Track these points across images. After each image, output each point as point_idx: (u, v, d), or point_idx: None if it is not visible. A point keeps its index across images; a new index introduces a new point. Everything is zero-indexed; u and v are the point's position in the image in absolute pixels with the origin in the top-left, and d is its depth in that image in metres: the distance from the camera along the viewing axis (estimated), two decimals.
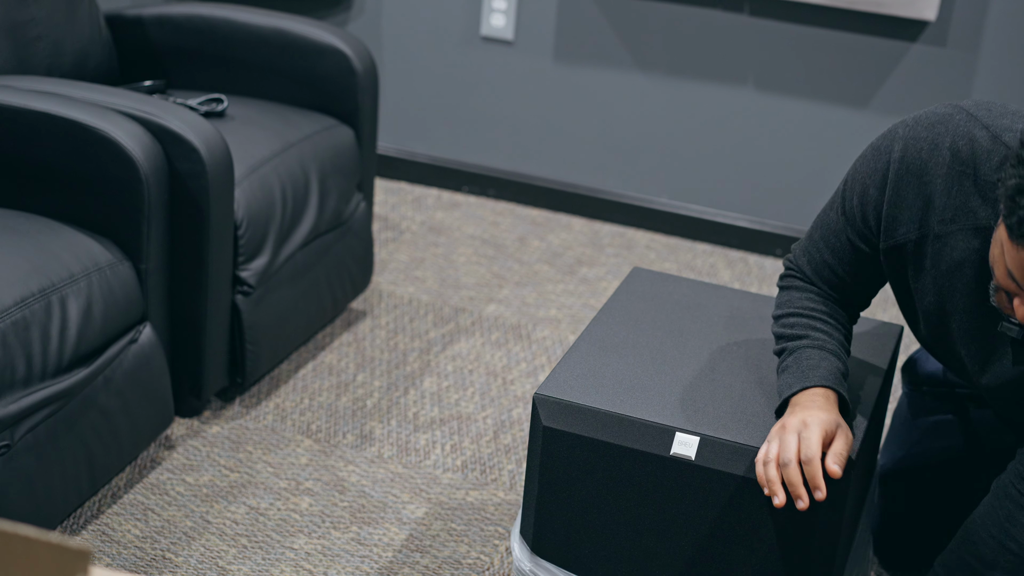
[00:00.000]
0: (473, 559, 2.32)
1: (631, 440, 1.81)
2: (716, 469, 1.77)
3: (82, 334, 2.18)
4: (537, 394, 1.87)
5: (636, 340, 2.02)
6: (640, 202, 3.67)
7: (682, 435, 1.79)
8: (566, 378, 1.90)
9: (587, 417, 1.84)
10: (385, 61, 3.76)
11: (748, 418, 1.82)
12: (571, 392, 1.87)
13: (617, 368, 1.94)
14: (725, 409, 1.84)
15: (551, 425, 1.85)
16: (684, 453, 1.78)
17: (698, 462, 1.78)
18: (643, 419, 1.81)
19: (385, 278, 3.27)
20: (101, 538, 2.29)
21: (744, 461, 1.76)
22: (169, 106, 2.46)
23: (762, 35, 3.44)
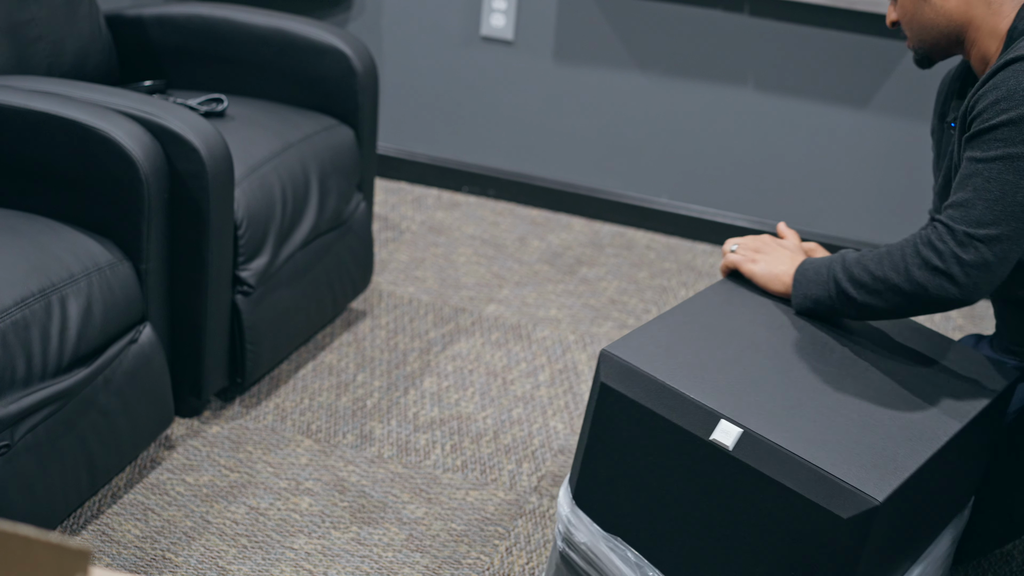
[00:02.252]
0: (473, 559, 2.32)
1: (677, 416, 1.81)
2: (749, 465, 1.75)
3: (82, 334, 2.18)
4: (605, 350, 1.87)
5: (722, 325, 1.99)
6: (640, 202, 3.67)
7: (727, 423, 1.77)
8: (638, 342, 1.90)
9: (643, 383, 1.84)
10: (385, 61, 3.76)
11: (800, 424, 1.79)
12: (636, 356, 1.87)
13: (692, 345, 1.92)
14: (781, 410, 1.81)
15: (608, 383, 1.86)
16: (723, 441, 1.77)
17: (734, 453, 1.76)
18: (693, 398, 1.80)
19: (385, 278, 3.27)
20: (101, 538, 2.29)
21: (780, 464, 1.73)
22: (169, 106, 2.46)
23: (762, 35, 3.44)
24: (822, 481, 1.71)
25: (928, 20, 1.98)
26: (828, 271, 1.98)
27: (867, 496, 1.69)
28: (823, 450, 1.75)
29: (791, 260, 2.05)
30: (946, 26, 1.98)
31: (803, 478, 1.73)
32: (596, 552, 1.93)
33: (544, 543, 2.38)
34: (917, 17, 1.99)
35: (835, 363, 1.95)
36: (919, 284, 1.88)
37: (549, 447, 2.65)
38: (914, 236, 1.91)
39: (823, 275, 1.98)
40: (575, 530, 1.95)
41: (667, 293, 3.33)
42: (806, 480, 1.72)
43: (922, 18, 1.98)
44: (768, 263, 2.06)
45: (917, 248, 1.89)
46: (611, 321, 3.16)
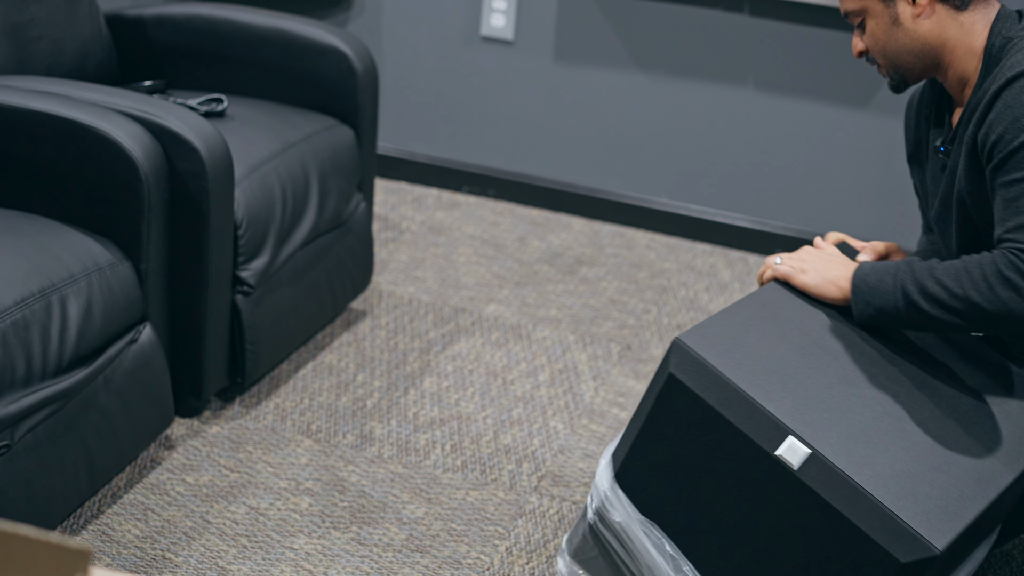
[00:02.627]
0: (473, 559, 2.32)
1: (744, 423, 1.75)
2: (812, 488, 1.71)
3: (82, 334, 2.18)
4: (679, 338, 1.82)
5: (801, 322, 1.94)
6: (640, 202, 3.67)
7: (795, 441, 1.72)
8: (713, 333, 1.84)
9: (713, 382, 1.78)
10: (385, 61, 3.76)
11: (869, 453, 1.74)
12: (710, 350, 1.81)
13: (766, 341, 1.87)
14: (850, 434, 1.76)
15: (677, 374, 1.80)
16: (789, 460, 1.72)
17: (799, 474, 1.72)
18: (765, 408, 1.75)
19: (385, 278, 3.27)
20: (101, 538, 2.29)
21: (844, 494, 1.69)
22: (169, 106, 2.46)
23: (762, 35, 3.44)
24: (886, 520, 1.68)
25: (902, 45, 1.99)
26: (895, 280, 1.93)
27: (928, 543, 1.66)
28: (890, 486, 1.71)
29: (843, 265, 2.02)
30: (920, 50, 1.98)
31: (866, 513, 1.69)
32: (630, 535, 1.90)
33: (544, 543, 2.38)
34: (890, 44, 1.99)
35: (904, 381, 1.90)
36: (1004, 304, 1.85)
37: (549, 447, 2.65)
38: (991, 257, 1.88)
39: (888, 284, 1.93)
40: (611, 508, 1.91)
41: (667, 293, 3.33)
42: (869, 516, 1.69)
43: (895, 44, 1.99)
44: (819, 271, 2.02)
45: (1000, 270, 1.86)
46: (611, 321, 3.16)
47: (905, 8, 1.97)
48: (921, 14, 1.96)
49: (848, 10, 2.02)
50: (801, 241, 3.54)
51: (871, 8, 1.99)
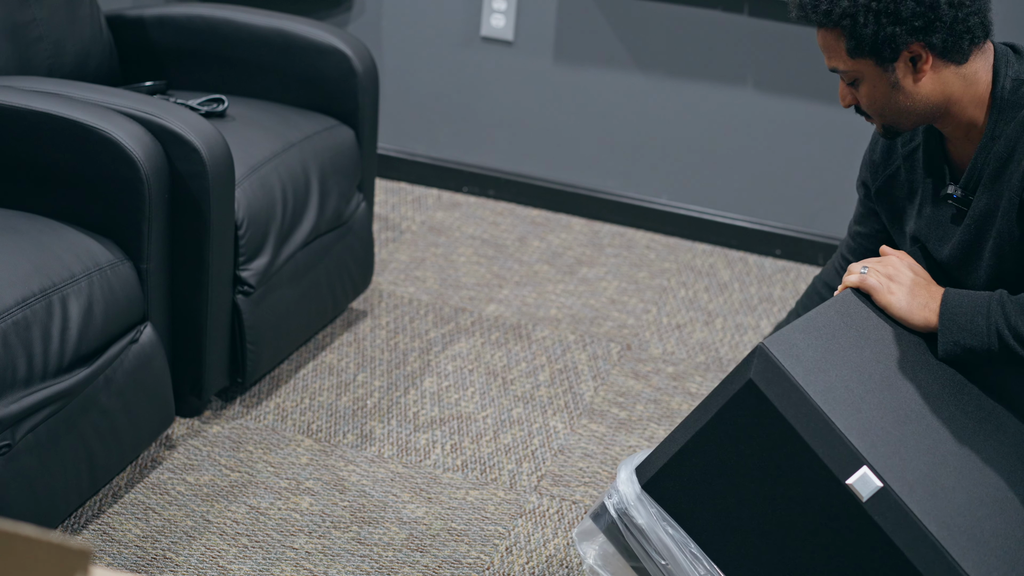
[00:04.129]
0: (473, 559, 2.32)
1: (818, 444, 1.71)
2: (877, 523, 1.67)
3: (83, 334, 2.18)
4: (765, 344, 1.75)
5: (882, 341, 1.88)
6: (640, 202, 3.68)
7: (868, 472, 1.69)
8: (799, 342, 1.78)
9: (794, 398, 1.73)
10: (385, 61, 3.76)
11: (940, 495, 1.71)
12: (796, 363, 1.75)
13: (849, 363, 1.81)
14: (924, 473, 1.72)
15: (758, 383, 1.74)
16: (859, 490, 1.69)
17: (866, 507, 1.68)
18: (843, 433, 1.70)
19: (385, 278, 3.27)
20: (102, 537, 2.29)
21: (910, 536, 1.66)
22: (170, 106, 2.46)
23: (762, 35, 3.44)
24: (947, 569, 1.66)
25: (903, 107, 1.90)
26: (988, 323, 1.88)
27: None
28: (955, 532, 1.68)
29: (929, 291, 1.95)
30: (923, 109, 1.90)
31: (929, 559, 1.67)
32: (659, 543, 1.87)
33: (544, 542, 2.38)
34: (889, 106, 1.91)
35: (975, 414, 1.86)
36: None
37: (549, 447, 2.66)
38: None
39: (981, 326, 1.88)
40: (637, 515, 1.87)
41: (667, 293, 3.33)
42: (931, 562, 1.67)
43: (895, 106, 1.90)
44: (906, 295, 1.94)
45: None
46: (611, 321, 3.17)
47: (905, 72, 1.87)
48: (925, 77, 1.87)
49: (837, 69, 1.91)
50: (801, 241, 3.55)
51: (867, 73, 1.89)
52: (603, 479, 2.57)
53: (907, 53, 1.85)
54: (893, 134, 1.97)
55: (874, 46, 1.85)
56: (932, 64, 1.86)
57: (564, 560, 2.35)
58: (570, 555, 2.36)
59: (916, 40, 1.84)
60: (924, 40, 1.84)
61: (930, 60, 1.86)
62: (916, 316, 1.93)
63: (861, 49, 1.86)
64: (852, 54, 1.87)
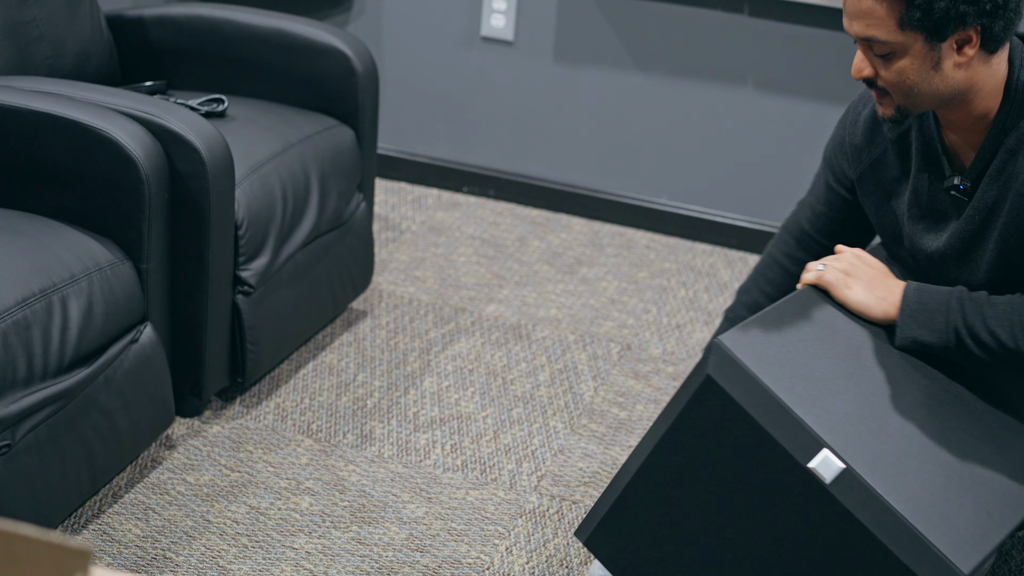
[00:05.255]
0: (473, 559, 2.32)
1: (779, 432, 1.72)
2: (842, 504, 1.69)
3: (83, 334, 2.18)
4: (718, 340, 1.77)
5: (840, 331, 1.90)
6: (640, 202, 3.68)
7: (830, 455, 1.70)
8: (753, 337, 1.80)
9: (752, 389, 1.74)
10: (385, 61, 3.76)
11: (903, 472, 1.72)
12: (750, 355, 1.76)
13: (805, 346, 1.83)
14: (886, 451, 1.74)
15: (715, 378, 1.75)
16: (821, 473, 1.70)
17: (830, 488, 1.69)
18: (801, 419, 1.71)
19: (385, 278, 3.27)
20: (102, 537, 2.29)
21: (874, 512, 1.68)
22: (170, 106, 2.46)
23: (762, 35, 3.44)
24: (914, 541, 1.67)
25: (933, 89, 1.85)
26: (946, 321, 1.89)
27: (955, 567, 1.66)
28: (920, 507, 1.69)
29: (887, 285, 1.96)
30: (950, 94, 1.87)
31: (894, 533, 1.68)
32: None
33: (544, 542, 2.38)
34: (920, 86, 1.85)
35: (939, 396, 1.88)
36: None
37: (549, 447, 2.66)
38: None
39: (939, 324, 1.89)
40: None
41: (667, 293, 3.33)
42: (897, 535, 1.68)
43: (926, 87, 1.85)
44: (864, 289, 1.95)
45: None
46: (611, 321, 3.17)
47: (949, 55, 1.82)
48: (965, 63, 1.84)
49: (875, 38, 1.83)
50: None
51: (912, 48, 1.82)
52: (603, 479, 2.57)
53: (959, 35, 1.80)
54: (900, 118, 1.92)
55: (937, 22, 1.78)
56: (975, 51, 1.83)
57: (564, 560, 2.35)
58: (570, 555, 2.36)
59: (978, 23, 1.80)
60: (984, 24, 1.80)
61: (977, 46, 1.82)
62: (875, 309, 1.95)
63: (919, 22, 1.79)
64: (904, 25, 1.80)
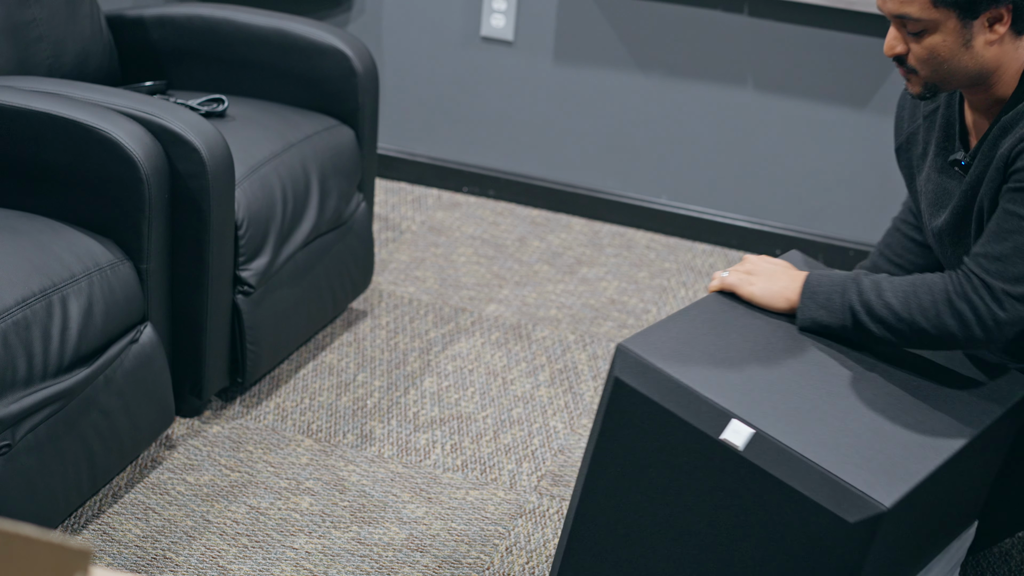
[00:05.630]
0: (473, 559, 2.32)
1: (690, 414, 1.78)
2: (758, 466, 1.74)
3: (83, 334, 2.18)
4: (621, 344, 1.84)
5: (745, 323, 1.97)
6: (640, 202, 3.68)
7: (738, 423, 1.76)
8: (655, 337, 1.87)
9: (657, 380, 1.81)
10: (385, 61, 3.76)
11: (812, 428, 1.77)
12: (652, 351, 1.84)
13: (709, 342, 1.89)
14: (794, 413, 1.79)
15: (623, 378, 1.83)
16: (733, 441, 1.75)
17: (745, 454, 1.75)
18: (706, 396, 1.78)
19: (385, 278, 3.27)
20: (102, 537, 2.29)
21: (789, 467, 1.72)
22: (170, 106, 2.46)
23: (762, 35, 3.44)
24: (830, 485, 1.70)
25: (963, 67, 1.88)
26: (843, 299, 1.95)
27: (874, 501, 1.68)
28: (833, 454, 1.74)
29: (789, 275, 2.02)
30: (978, 72, 1.90)
31: (811, 481, 1.71)
32: None
33: (544, 543, 2.38)
34: (951, 63, 1.88)
35: (850, 367, 1.93)
36: (947, 332, 1.89)
37: (549, 447, 2.66)
38: (944, 282, 1.90)
39: (836, 302, 1.95)
40: None
41: (667, 293, 3.33)
42: (814, 483, 1.71)
43: (956, 64, 1.88)
44: (766, 282, 2.02)
45: (950, 298, 1.88)
46: (611, 321, 3.17)
47: (981, 32, 1.86)
48: (996, 40, 1.86)
49: (908, 15, 1.86)
50: (801, 241, 3.55)
51: (944, 24, 1.85)
52: None
53: (991, 13, 1.84)
54: (930, 94, 1.94)
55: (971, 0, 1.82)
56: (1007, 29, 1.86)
57: None
58: None
59: (1010, 2, 1.83)
60: (1017, 3, 1.83)
61: (1008, 24, 1.85)
62: (778, 300, 2.00)
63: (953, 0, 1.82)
64: (938, 3, 1.83)
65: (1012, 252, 1.86)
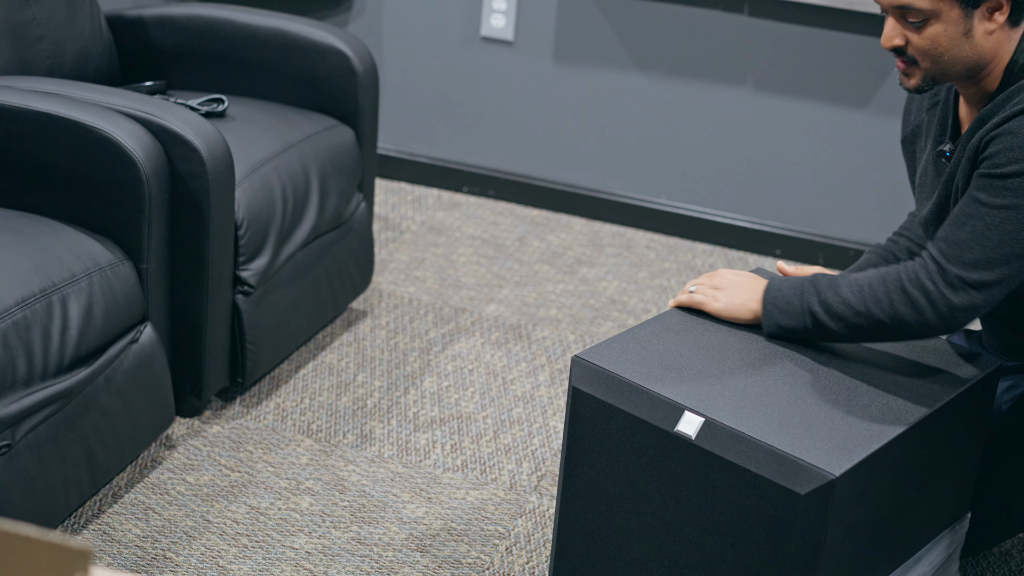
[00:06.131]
0: (473, 559, 2.32)
1: (644, 412, 1.86)
2: (712, 452, 1.80)
3: (83, 334, 2.18)
4: (576, 356, 1.93)
5: (701, 331, 2.02)
6: (640, 202, 3.68)
7: (690, 415, 1.82)
8: (612, 348, 1.95)
9: (611, 384, 1.89)
10: (385, 61, 3.76)
11: (762, 413, 1.83)
12: (606, 360, 1.92)
13: (665, 349, 1.96)
14: (744, 401, 1.85)
15: (579, 387, 1.91)
16: (686, 432, 1.82)
17: (697, 442, 1.81)
18: (658, 393, 1.85)
19: (385, 278, 3.27)
20: (102, 537, 2.29)
21: (740, 449, 1.78)
22: (170, 106, 2.46)
23: (762, 35, 3.44)
24: (779, 461, 1.76)
25: (963, 57, 1.88)
26: (802, 301, 1.96)
27: (823, 471, 1.73)
28: (782, 434, 1.79)
29: (752, 286, 2.03)
30: (977, 63, 1.90)
31: (762, 460, 1.77)
32: None
33: (544, 543, 2.38)
34: (951, 52, 1.88)
35: (804, 360, 1.98)
36: (903, 321, 1.90)
37: (549, 447, 2.66)
38: (898, 271, 1.91)
39: (796, 305, 1.96)
40: None
41: (667, 293, 3.33)
42: (764, 462, 1.77)
43: (957, 54, 1.88)
44: (730, 296, 2.03)
45: (903, 286, 1.89)
46: (611, 321, 3.17)
47: (981, 22, 1.86)
48: (995, 30, 1.87)
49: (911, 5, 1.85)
50: (801, 241, 3.55)
51: (946, 14, 1.85)
52: None
53: (991, 1, 1.84)
54: (928, 86, 1.94)
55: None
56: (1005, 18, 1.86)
57: None
58: None
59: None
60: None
61: (1007, 13, 1.86)
62: (743, 312, 2.02)
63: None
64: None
65: (970, 237, 1.86)
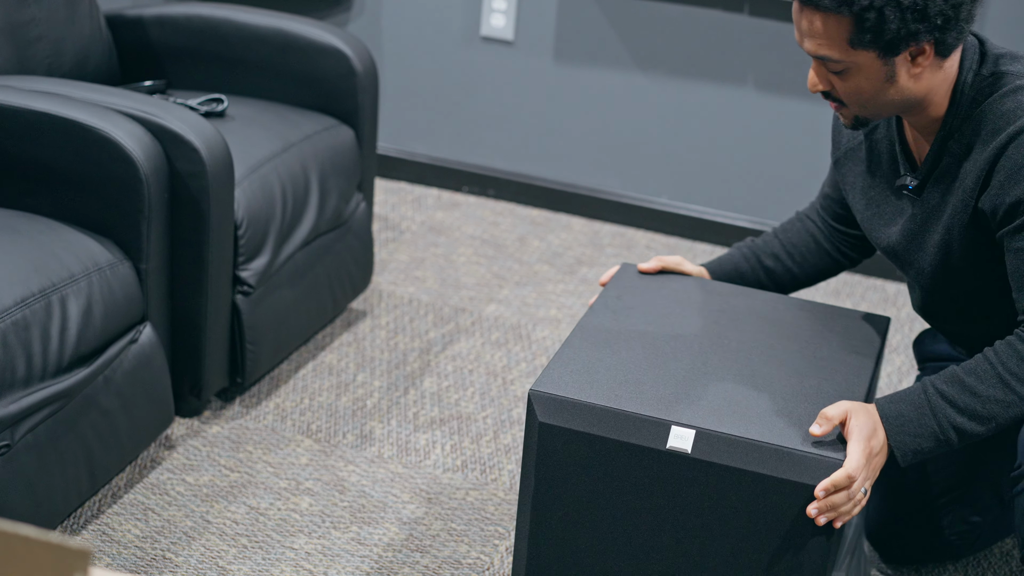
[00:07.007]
0: (473, 559, 2.32)
1: (628, 435, 1.81)
2: (712, 462, 1.77)
3: (82, 334, 2.18)
4: (532, 390, 1.86)
5: (628, 333, 2.01)
6: (640, 202, 3.67)
7: (678, 428, 1.79)
8: (560, 374, 1.89)
9: (583, 412, 1.83)
10: (385, 61, 3.76)
11: (742, 410, 1.83)
12: (566, 388, 1.86)
13: (610, 362, 1.93)
14: (719, 401, 1.85)
15: (547, 421, 1.85)
16: (680, 447, 1.79)
17: (694, 455, 1.78)
18: (639, 413, 1.81)
19: (385, 278, 3.27)
20: (101, 538, 2.29)
21: (739, 453, 1.77)
22: (169, 106, 2.46)
23: (762, 35, 3.44)
24: (785, 457, 1.75)
25: (889, 100, 1.85)
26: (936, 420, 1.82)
27: (831, 458, 1.74)
28: (774, 429, 1.79)
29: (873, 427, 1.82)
30: (905, 102, 1.86)
31: (766, 459, 1.76)
32: None
33: None
34: (876, 98, 1.84)
35: (741, 348, 1.99)
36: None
37: None
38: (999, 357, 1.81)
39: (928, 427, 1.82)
40: None
41: None
42: (769, 461, 1.76)
43: (882, 99, 1.84)
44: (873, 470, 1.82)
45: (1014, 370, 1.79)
46: None
47: (903, 66, 1.81)
48: (921, 72, 1.82)
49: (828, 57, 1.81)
50: None
51: (863, 65, 1.80)
52: None
53: (912, 49, 1.79)
54: (861, 125, 1.91)
55: (889, 41, 1.76)
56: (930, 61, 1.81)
57: None
58: None
59: (931, 38, 1.78)
60: (937, 37, 1.78)
61: (931, 57, 1.81)
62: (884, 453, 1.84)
63: (871, 42, 1.77)
64: (855, 44, 1.77)
65: None
